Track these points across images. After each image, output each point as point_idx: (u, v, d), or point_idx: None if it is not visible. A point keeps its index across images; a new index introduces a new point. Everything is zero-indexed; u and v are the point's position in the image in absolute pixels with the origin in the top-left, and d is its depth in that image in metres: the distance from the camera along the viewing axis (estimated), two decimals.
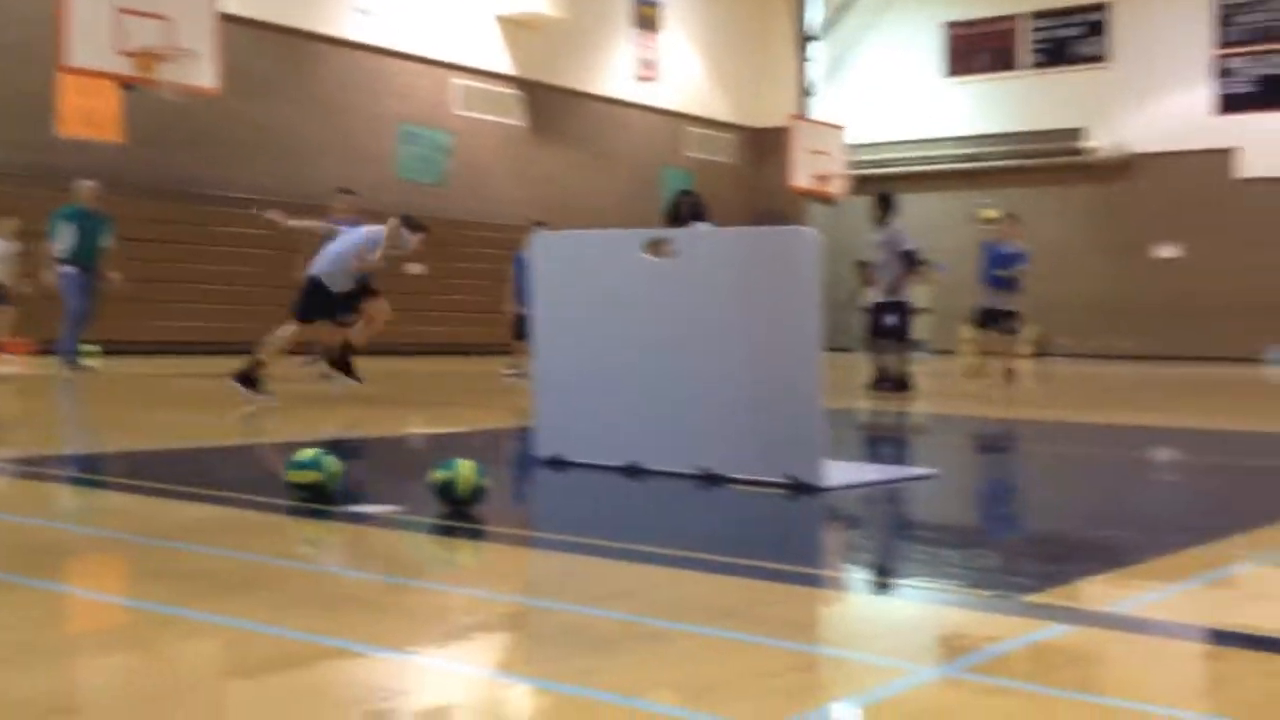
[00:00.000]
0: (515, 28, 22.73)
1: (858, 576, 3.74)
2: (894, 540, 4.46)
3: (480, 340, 19.42)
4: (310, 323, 9.85)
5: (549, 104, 23.57)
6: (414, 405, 10.78)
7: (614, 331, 5.65)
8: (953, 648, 2.83)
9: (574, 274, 5.81)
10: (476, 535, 4.23)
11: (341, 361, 10.32)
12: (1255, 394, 14.28)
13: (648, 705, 2.29)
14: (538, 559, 3.99)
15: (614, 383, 5.63)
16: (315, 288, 9.68)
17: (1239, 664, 2.71)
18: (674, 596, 3.23)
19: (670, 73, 25.84)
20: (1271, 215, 23.95)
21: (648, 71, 25.28)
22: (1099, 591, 3.41)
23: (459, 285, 21.15)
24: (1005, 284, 13.29)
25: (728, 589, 3.33)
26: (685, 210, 9.82)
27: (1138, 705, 2.37)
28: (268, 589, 3.30)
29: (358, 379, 10.28)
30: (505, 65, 22.79)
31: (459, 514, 4.33)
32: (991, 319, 13.45)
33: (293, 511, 4.45)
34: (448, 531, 4.22)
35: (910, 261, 12.34)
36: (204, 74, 13.89)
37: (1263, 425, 9.34)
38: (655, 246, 5.67)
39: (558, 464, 5.70)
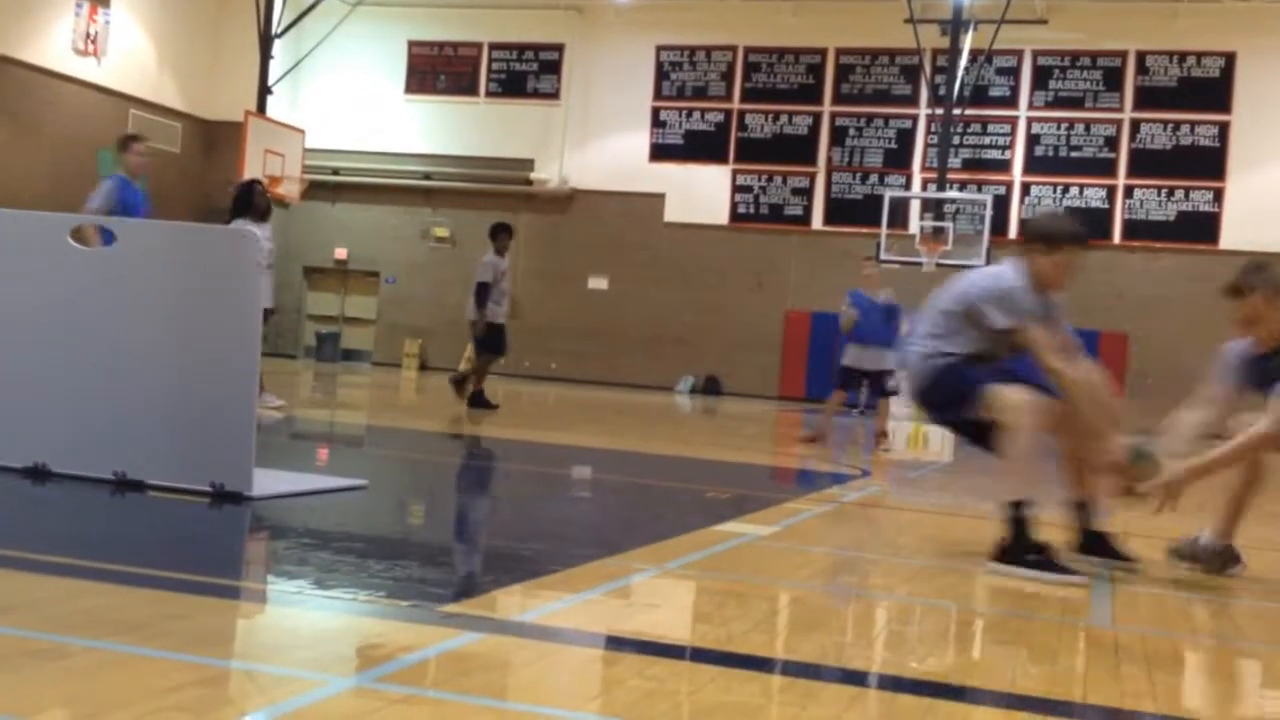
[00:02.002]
0: None
1: (276, 587, 3.67)
2: (317, 551, 4.42)
3: None
4: None
5: None
6: None
7: (25, 321, 5.18)
8: (368, 658, 2.85)
9: None
10: None
11: None
12: (664, 420, 15.60)
13: None
14: None
15: (19, 376, 5.16)
16: None
17: (625, 667, 2.95)
18: (73, 610, 3.01)
19: (116, 51, 24.16)
20: (687, 258, 26.37)
21: (90, 46, 23.48)
22: (511, 601, 3.58)
23: None
24: (887, 340, 11.02)
25: (135, 601, 3.16)
26: (260, 202, 9.29)
27: (537, 708, 2.52)
28: None
29: None
30: None
31: None
32: (856, 379, 11.27)
33: None
34: None
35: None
36: None
37: (665, 449, 10.24)
38: (82, 234, 5.28)
39: None
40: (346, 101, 27.78)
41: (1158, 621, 4.05)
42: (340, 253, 27.81)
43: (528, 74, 27.70)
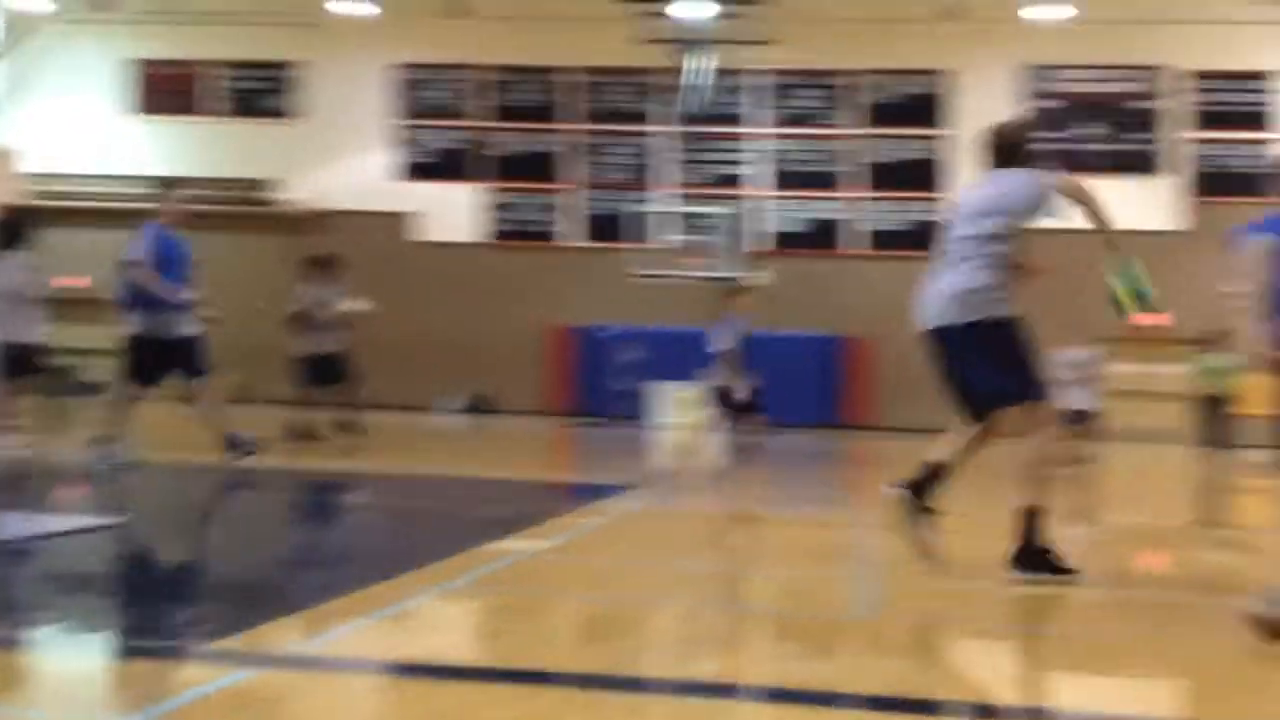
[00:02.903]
0: None
1: (37, 633, 3.44)
2: (77, 593, 4.18)
3: None
4: None
5: None
6: None
7: None
8: (135, 700, 2.71)
9: None
10: None
11: None
12: (432, 441, 15.42)
13: None
14: None
15: None
16: None
17: (406, 691, 2.90)
18: None
19: None
20: (440, 277, 26.16)
21: None
22: (285, 633, 3.46)
23: None
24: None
25: None
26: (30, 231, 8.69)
27: None
28: None
29: None
30: None
31: None
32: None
33: None
34: None
35: None
36: None
37: (436, 470, 10.09)
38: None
39: None
40: (72, 123, 26.37)
41: (922, 610, 4.24)
42: (78, 281, 26.34)
43: (264, 92, 26.91)
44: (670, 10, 23.83)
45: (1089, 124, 25.35)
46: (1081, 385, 12.67)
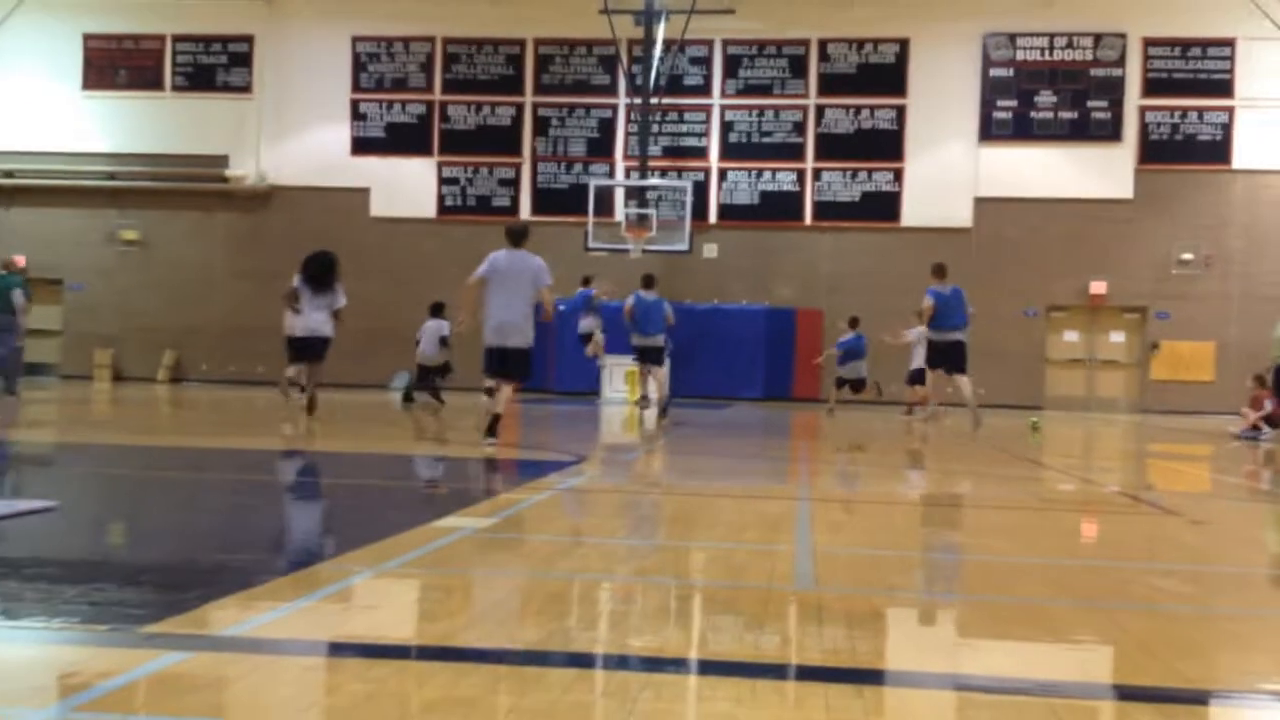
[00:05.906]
0: None
1: None
2: (3, 579, 4.13)
3: None
4: None
5: None
6: None
7: None
8: (65, 687, 2.69)
9: None
10: None
11: None
12: (379, 418, 15.34)
13: None
14: None
15: None
16: None
17: (345, 671, 2.90)
18: None
19: None
20: (396, 253, 25.98)
21: None
22: (221, 615, 3.45)
23: None
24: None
25: None
26: None
27: None
28: None
29: None
30: None
31: None
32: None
33: None
34: None
35: None
36: None
37: (381, 447, 10.07)
38: None
39: None
40: (18, 99, 25.96)
41: (855, 580, 4.28)
42: (18, 260, 25.99)
43: (216, 67, 26.60)
44: None
45: (1048, 91, 25.48)
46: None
